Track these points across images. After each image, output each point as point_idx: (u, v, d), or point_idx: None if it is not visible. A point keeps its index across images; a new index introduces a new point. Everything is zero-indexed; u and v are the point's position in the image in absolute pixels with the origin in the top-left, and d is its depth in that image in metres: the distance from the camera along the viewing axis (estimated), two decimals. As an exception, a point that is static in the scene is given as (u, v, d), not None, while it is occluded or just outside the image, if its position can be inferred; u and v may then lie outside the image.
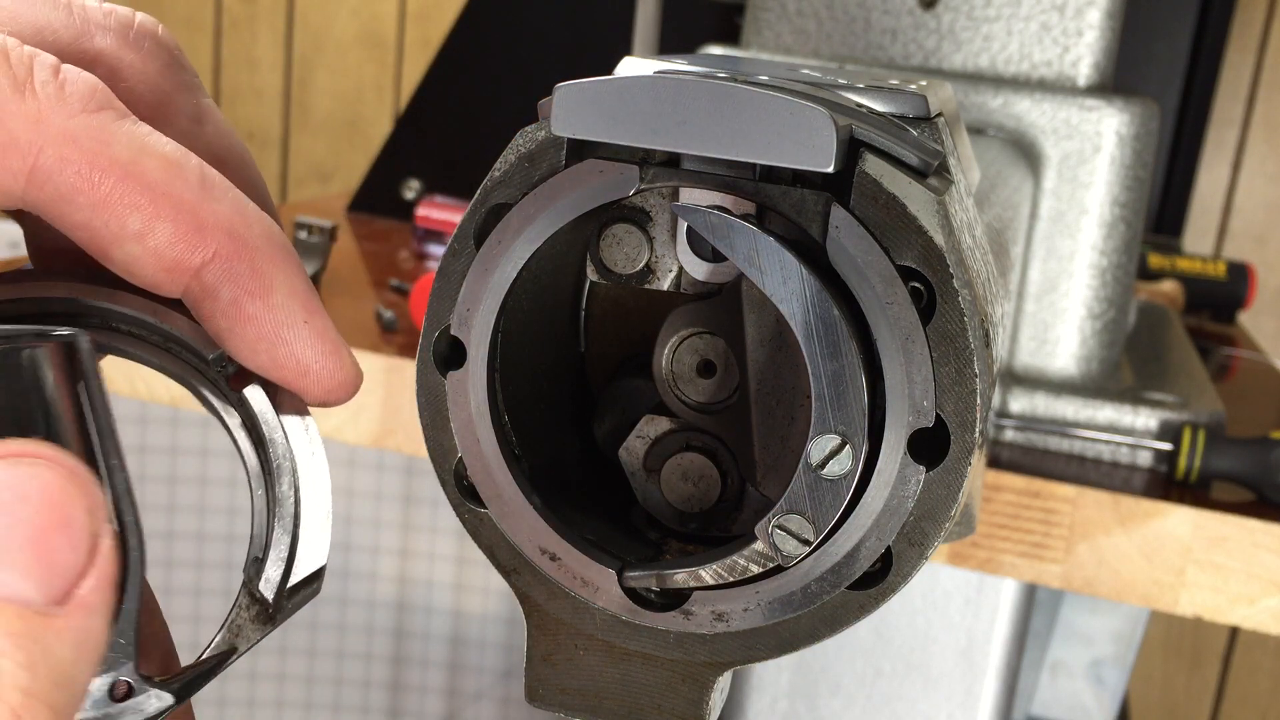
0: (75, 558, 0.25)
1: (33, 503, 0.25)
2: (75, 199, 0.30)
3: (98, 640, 0.25)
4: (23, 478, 0.25)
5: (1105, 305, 0.85)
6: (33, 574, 0.24)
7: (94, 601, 0.25)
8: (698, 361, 0.35)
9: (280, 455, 0.33)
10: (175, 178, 0.31)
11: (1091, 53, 0.84)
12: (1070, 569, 0.76)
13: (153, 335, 0.33)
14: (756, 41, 0.90)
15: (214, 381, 0.33)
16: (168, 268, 0.31)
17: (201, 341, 0.33)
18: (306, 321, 0.32)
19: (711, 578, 0.32)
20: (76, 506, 0.25)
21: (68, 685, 0.24)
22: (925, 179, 0.31)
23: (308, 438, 0.33)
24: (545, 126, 0.31)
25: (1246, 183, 1.89)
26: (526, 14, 1.42)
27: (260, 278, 0.32)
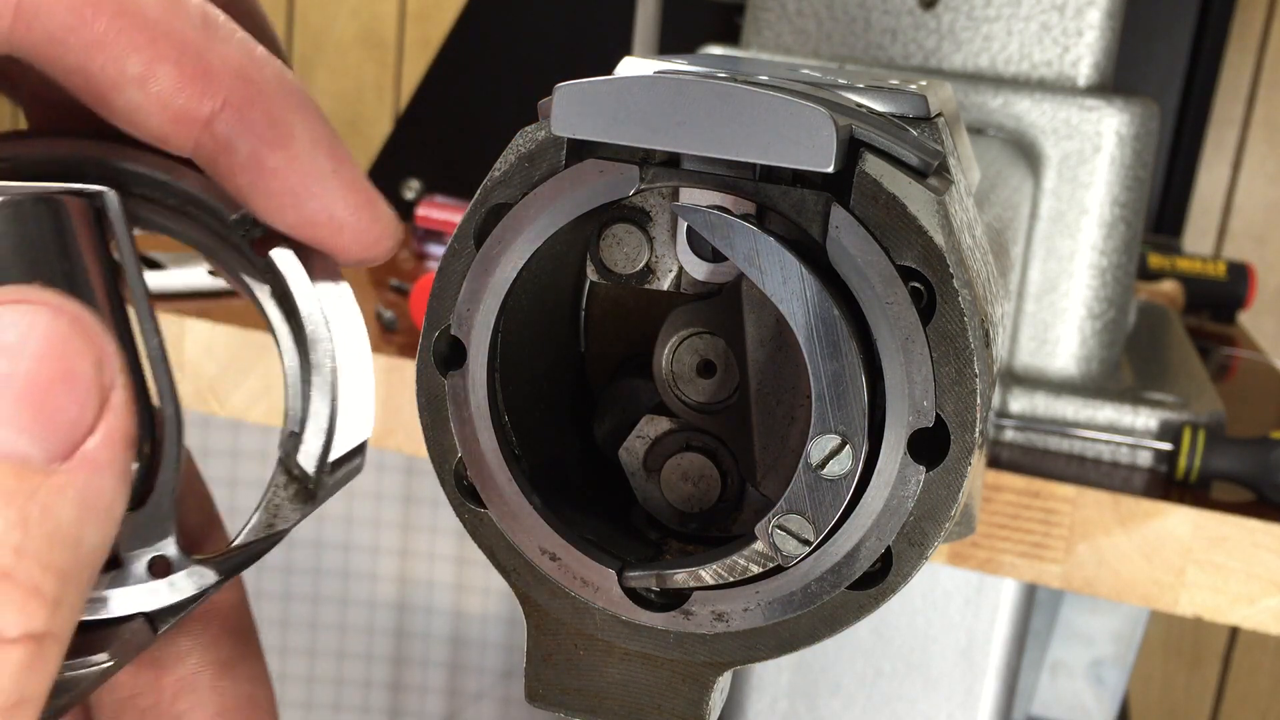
0: (79, 412, 0.23)
1: (30, 352, 0.23)
2: (67, 39, 0.27)
3: (108, 500, 0.24)
4: (20, 325, 0.23)
5: (1105, 305, 0.85)
6: (29, 429, 0.23)
7: (101, 458, 0.24)
8: (698, 361, 0.35)
9: (315, 322, 0.30)
10: (174, 15, 0.28)
11: (1091, 53, 0.84)
12: (1070, 569, 0.76)
13: (168, 197, 0.30)
14: (756, 41, 0.90)
15: (237, 246, 0.31)
16: (175, 117, 0.28)
17: (222, 201, 0.30)
18: (335, 171, 0.30)
19: (711, 578, 0.32)
20: (81, 357, 0.24)
21: (70, 545, 0.23)
22: (925, 179, 0.31)
23: (343, 303, 0.31)
24: (545, 126, 0.31)
25: (1246, 183, 1.89)
26: (526, 14, 1.42)
27: (278, 126, 0.29)
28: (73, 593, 0.23)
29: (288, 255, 0.30)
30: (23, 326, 0.23)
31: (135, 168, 0.30)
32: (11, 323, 0.23)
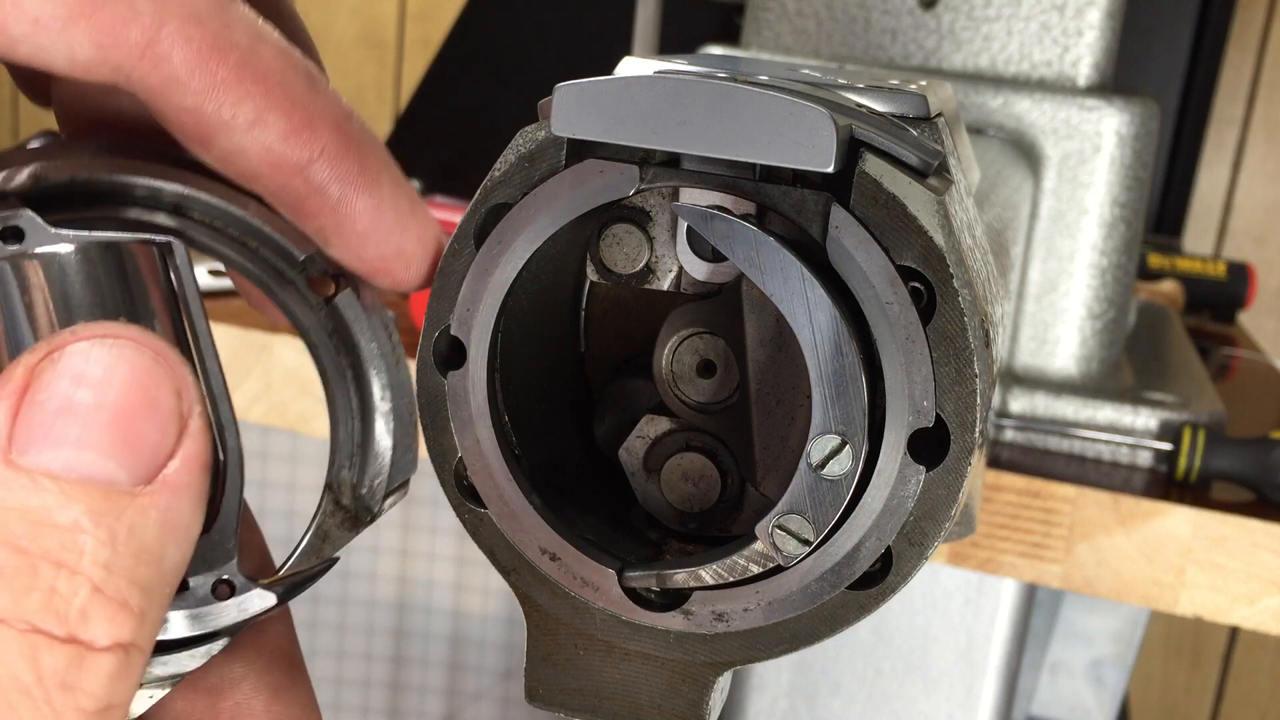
0: (161, 438, 0.25)
1: (117, 383, 0.25)
2: (189, 82, 0.28)
3: (186, 521, 0.25)
4: (108, 358, 0.25)
5: (1105, 305, 0.85)
6: (116, 454, 0.25)
7: (181, 482, 0.25)
8: (698, 361, 0.35)
9: (370, 359, 0.32)
10: (288, 68, 0.29)
11: (1091, 53, 0.84)
12: (1070, 569, 0.76)
13: (229, 228, 0.31)
14: (756, 41, 0.90)
15: (294, 282, 0.32)
16: (275, 161, 0.29)
17: (291, 239, 0.31)
18: (412, 212, 0.32)
19: (711, 578, 0.32)
20: (163, 387, 0.25)
21: (153, 563, 0.24)
22: (925, 179, 0.31)
23: (392, 343, 0.32)
24: (545, 126, 0.31)
25: (1246, 183, 1.89)
26: (526, 14, 1.42)
27: (368, 173, 0.31)
28: (155, 607, 0.25)
29: (348, 294, 0.32)
30: (109, 360, 0.25)
31: (197, 194, 0.31)
32: (99, 357, 0.25)
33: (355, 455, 0.32)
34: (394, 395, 0.32)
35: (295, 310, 0.32)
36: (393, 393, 0.32)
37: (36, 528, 0.23)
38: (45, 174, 0.29)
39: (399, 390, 0.32)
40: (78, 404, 0.25)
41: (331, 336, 0.32)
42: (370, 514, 0.32)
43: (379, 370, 0.32)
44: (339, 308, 0.32)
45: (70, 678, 0.23)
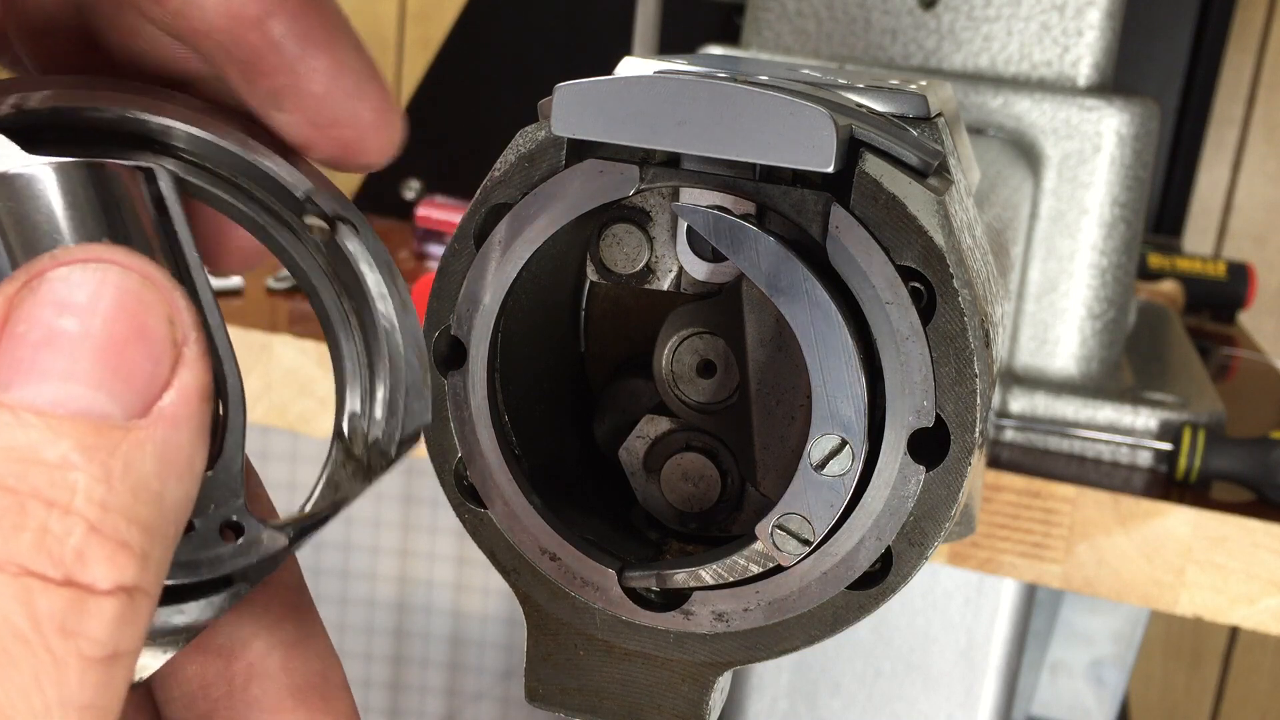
0: (155, 367, 0.24)
1: (104, 310, 0.23)
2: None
3: (186, 454, 0.24)
4: (92, 283, 0.23)
5: (1105, 305, 0.85)
6: (106, 386, 0.23)
7: (179, 413, 0.24)
8: (698, 361, 0.35)
9: (375, 301, 0.30)
10: None
11: (1091, 53, 0.84)
12: (1070, 569, 0.76)
13: (220, 167, 0.30)
14: (756, 41, 0.90)
15: (290, 223, 0.30)
16: (232, 13, 0.28)
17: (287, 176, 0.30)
18: (371, 77, 0.29)
19: (711, 578, 0.32)
20: (153, 313, 0.24)
21: (153, 500, 0.23)
22: (925, 179, 0.31)
23: (396, 285, 0.30)
24: (545, 126, 0.31)
25: (1246, 183, 1.89)
26: (526, 14, 1.42)
27: (327, 29, 0.29)
28: (159, 548, 0.23)
29: (352, 235, 0.30)
30: (93, 285, 0.23)
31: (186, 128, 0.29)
32: (81, 281, 0.23)
33: (365, 403, 0.30)
34: (403, 338, 0.30)
35: (293, 253, 0.30)
36: (402, 336, 0.30)
37: (23, 465, 0.22)
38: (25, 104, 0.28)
39: (408, 334, 0.30)
40: (62, 334, 0.23)
41: (333, 280, 0.30)
42: (385, 462, 0.30)
43: (385, 312, 0.30)
44: (339, 248, 0.30)
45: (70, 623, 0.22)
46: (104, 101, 0.29)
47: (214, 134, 0.29)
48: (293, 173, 0.30)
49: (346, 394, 0.31)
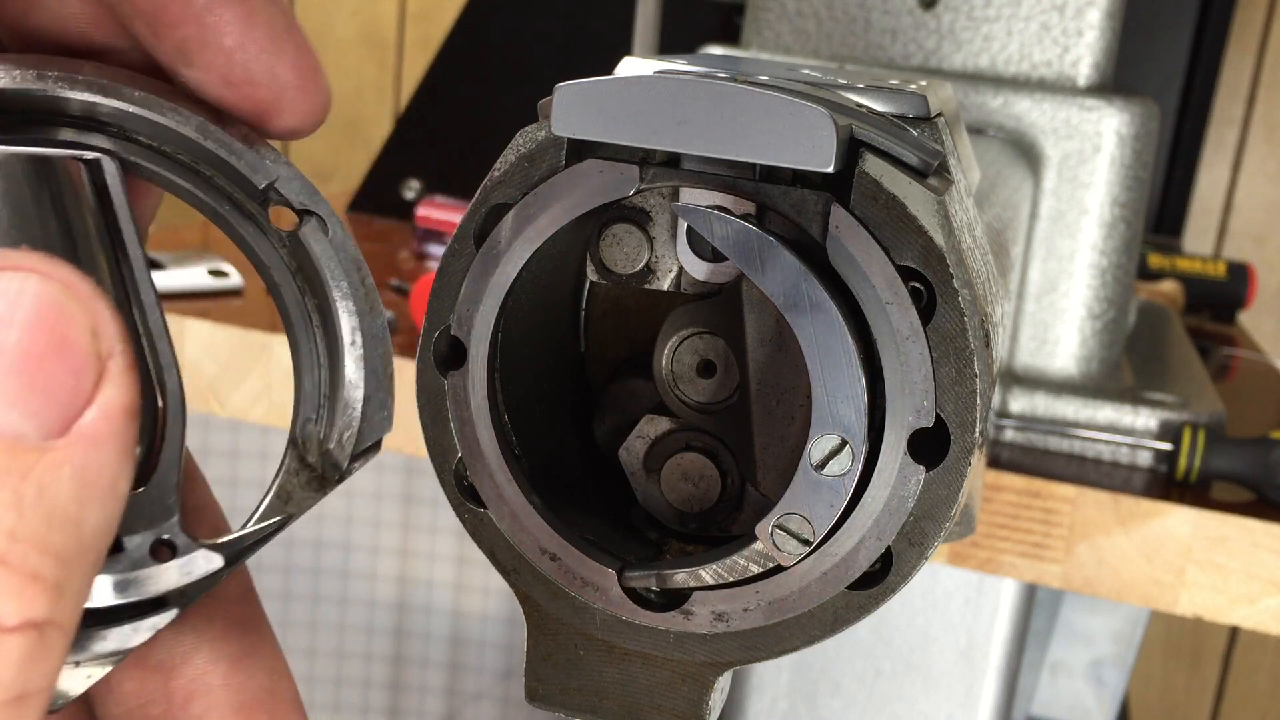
0: (75, 383, 0.22)
1: (20, 321, 0.21)
2: None
3: (109, 477, 0.22)
4: (10, 293, 0.22)
5: (1105, 305, 0.85)
6: (20, 403, 0.21)
7: (99, 432, 0.22)
8: (698, 361, 0.35)
9: (339, 300, 0.28)
10: None
11: (1091, 53, 0.84)
12: (1070, 569, 0.76)
13: (179, 152, 0.28)
14: (756, 41, 0.90)
15: (252, 214, 0.28)
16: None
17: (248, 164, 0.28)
18: (287, 31, 0.27)
19: (711, 578, 0.32)
20: (75, 325, 0.22)
21: (69, 527, 0.21)
22: (925, 179, 0.31)
23: (364, 285, 0.29)
24: (545, 126, 0.31)
25: (1246, 183, 1.89)
26: (526, 14, 1.42)
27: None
28: (76, 577, 0.21)
29: (315, 229, 0.28)
30: (11, 294, 0.22)
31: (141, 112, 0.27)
32: None
33: (322, 408, 0.29)
34: (365, 342, 0.29)
35: (253, 245, 0.29)
36: (364, 339, 0.28)
37: None
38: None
39: (371, 337, 0.29)
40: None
41: (295, 275, 0.29)
42: (338, 473, 0.28)
43: (349, 313, 0.28)
44: (302, 241, 0.28)
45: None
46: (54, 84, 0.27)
47: (170, 119, 0.27)
48: (255, 161, 0.28)
49: (303, 398, 0.29)
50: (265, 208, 0.28)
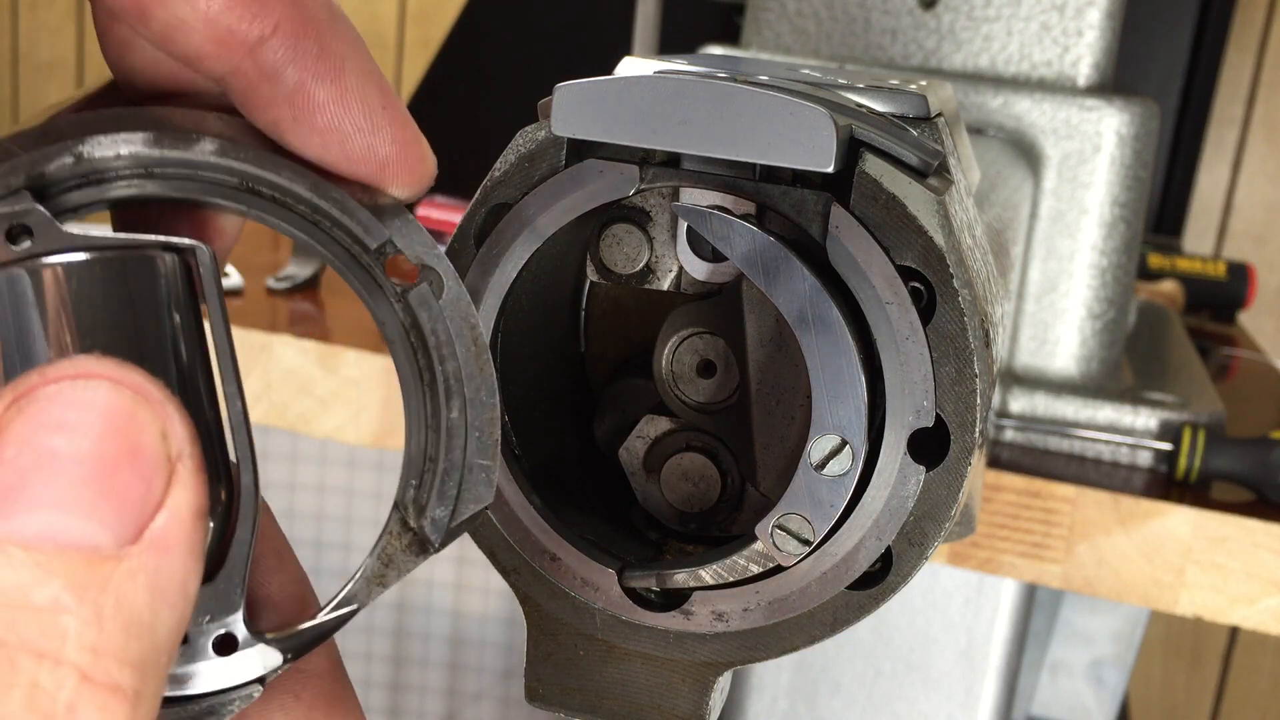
0: (147, 489, 0.22)
1: (94, 431, 0.22)
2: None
3: (180, 580, 0.22)
4: (82, 401, 0.22)
5: (1105, 305, 0.85)
6: (97, 513, 0.22)
7: (171, 537, 0.22)
8: (698, 361, 0.35)
9: (450, 375, 0.28)
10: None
11: (1091, 53, 0.84)
12: (1070, 569, 0.76)
13: (300, 205, 0.28)
14: (756, 41, 0.90)
15: (368, 268, 0.28)
16: (220, 38, 0.26)
17: (363, 223, 0.28)
18: (384, 107, 0.27)
19: (711, 578, 0.32)
20: (146, 431, 0.22)
21: (145, 634, 0.22)
22: (925, 179, 0.31)
23: (476, 347, 0.28)
24: (545, 126, 0.31)
25: (1246, 183, 1.89)
26: (526, 14, 1.42)
27: (330, 57, 0.26)
28: (152, 683, 0.22)
29: (426, 292, 0.28)
30: (84, 404, 0.22)
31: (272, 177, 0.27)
32: (71, 400, 0.22)
33: (427, 473, 0.28)
34: (472, 409, 0.28)
35: (370, 300, 0.28)
36: (470, 406, 0.28)
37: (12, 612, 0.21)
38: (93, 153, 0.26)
39: (478, 404, 0.28)
40: (50, 458, 0.22)
41: (409, 332, 0.28)
42: (439, 540, 0.28)
43: (456, 376, 0.28)
44: (415, 300, 0.28)
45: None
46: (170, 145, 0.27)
47: (283, 177, 0.28)
48: (369, 220, 0.28)
49: (410, 460, 0.29)
50: (381, 261, 0.28)
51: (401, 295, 0.28)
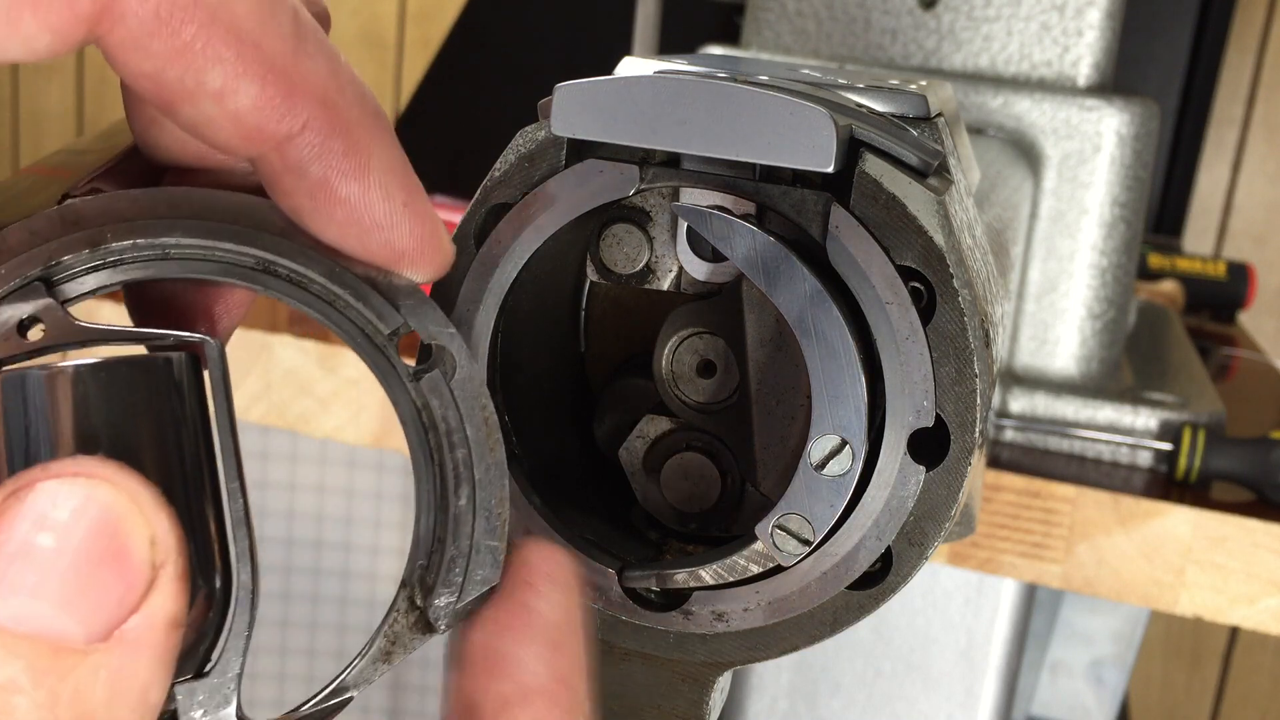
0: (125, 590, 0.23)
1: (83, 529, 0.23)
2: (149, 45, 0.25)
3: (142, 683, 0.23)
4: (76, 500, 0.23)
5: (1105, 305, 0.85)
6: (72, 606, 0.22)
7: (140, 640, 0.23)
8: (698, 361, 0.35)
9: (460, 462, 0.28)
10: (268, 26, 0.25)
11: (1091, 53, 0.84)
12: (1070, 569, 0.76)
13: (314, 284, 0.28)
14: (756, 41, 0.90)
15: (382, 349, 0.28)
16: (247, 135, 0.26)
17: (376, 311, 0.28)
18: (405, 204, 0.27)
19: (711, 578, 0.32)
20: (135, 535, 0.23)
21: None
22: (925, 179, 0.31)
23: (487, 427, 0.28)
24: (545, 126, 0.31)
25: (1246, 183, 1.89)
26: (526, 14, 1.42)
27: (357, 155, 0.27)
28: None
29: (437, 378, 0.28)
30: (78, 502, 0.23)
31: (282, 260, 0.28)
32: (66, 497, 0.23)
33: (435, 553, 0.29)
34: (481, 490, 0.28)
35: (384, 382, 0.29)
36: (480, 488, 0.28)
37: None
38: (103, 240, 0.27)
39: (487, 484, 0.28)
40: (37, 549, 0.22)
41: (421, 412, 0.29)
42: (445, 622, 0.29)
43: (465, 464, 0.28)
44: (426, 388, 0.28)
45: None
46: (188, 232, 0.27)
47: (298, 262, 0.28)
48: (382, 306, 0.28)
49: (418, 540, 0.29)
50: (395, 343, 0.29)
51: (414, 377, 0.29)
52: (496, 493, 0.29)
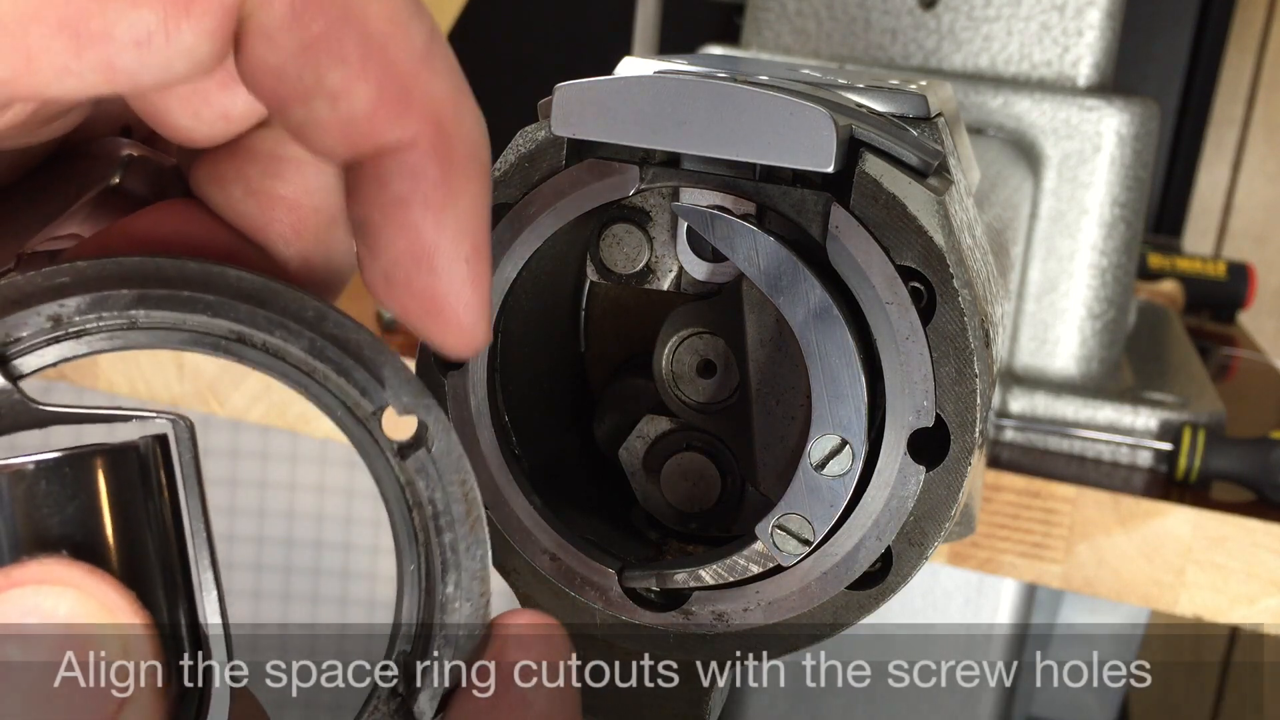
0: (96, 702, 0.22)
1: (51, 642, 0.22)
2: (278, 37, 0.23)
3: None
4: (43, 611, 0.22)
5: (1105, 305, 0.85)
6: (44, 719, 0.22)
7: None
8: (698, 361, 0.35)
9: (448, 547, 0.28)
10: (399, 32, 0.24)
11: (1091, 53, 0.84)
12: (1070, 569, 0.76)
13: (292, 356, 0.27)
14: (756, 41, 0.90)
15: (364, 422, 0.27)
16: (351, 140, 0.24)
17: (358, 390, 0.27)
18: (468, 260, 0.25)
19: (711, 578, 0.32)
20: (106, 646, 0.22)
21: None
22: (925, 179, 0.31)
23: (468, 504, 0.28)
24: (545, 126, 0.31)
25: (1246, 183, 1.89)
26: (526, 14, 1.42)
27: (447, 189, 0.25)
28: None
29: (424, 459, 0.27)
30: (44, 611, 0.22)
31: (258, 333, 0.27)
32: (33, 608, 0.22)
33: (418, 639, 0.28)
34: (463, 575, 0.28)
35: (366, 459, 0.28)
36: (462, 572, 0.28)
37: None
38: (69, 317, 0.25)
39: (469, 570, 0.28)
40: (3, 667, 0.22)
41: (404, 490, 0.28)
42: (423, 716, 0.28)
43: (453, 548, 0.28)
44: (411, 468, 0.28)
45: None
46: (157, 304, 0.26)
47: (277, 337, 0.27)
48: (366, 382, 0.27)
49: (399, 626, 0.28)
50: (378, 419, 0.27)
51: (397, 454, 0.28)
52: (479, 573, 0.28)
